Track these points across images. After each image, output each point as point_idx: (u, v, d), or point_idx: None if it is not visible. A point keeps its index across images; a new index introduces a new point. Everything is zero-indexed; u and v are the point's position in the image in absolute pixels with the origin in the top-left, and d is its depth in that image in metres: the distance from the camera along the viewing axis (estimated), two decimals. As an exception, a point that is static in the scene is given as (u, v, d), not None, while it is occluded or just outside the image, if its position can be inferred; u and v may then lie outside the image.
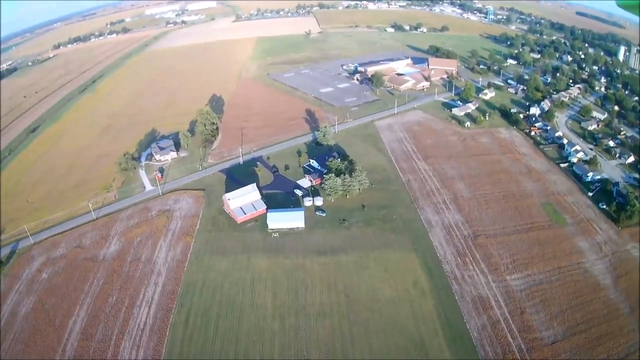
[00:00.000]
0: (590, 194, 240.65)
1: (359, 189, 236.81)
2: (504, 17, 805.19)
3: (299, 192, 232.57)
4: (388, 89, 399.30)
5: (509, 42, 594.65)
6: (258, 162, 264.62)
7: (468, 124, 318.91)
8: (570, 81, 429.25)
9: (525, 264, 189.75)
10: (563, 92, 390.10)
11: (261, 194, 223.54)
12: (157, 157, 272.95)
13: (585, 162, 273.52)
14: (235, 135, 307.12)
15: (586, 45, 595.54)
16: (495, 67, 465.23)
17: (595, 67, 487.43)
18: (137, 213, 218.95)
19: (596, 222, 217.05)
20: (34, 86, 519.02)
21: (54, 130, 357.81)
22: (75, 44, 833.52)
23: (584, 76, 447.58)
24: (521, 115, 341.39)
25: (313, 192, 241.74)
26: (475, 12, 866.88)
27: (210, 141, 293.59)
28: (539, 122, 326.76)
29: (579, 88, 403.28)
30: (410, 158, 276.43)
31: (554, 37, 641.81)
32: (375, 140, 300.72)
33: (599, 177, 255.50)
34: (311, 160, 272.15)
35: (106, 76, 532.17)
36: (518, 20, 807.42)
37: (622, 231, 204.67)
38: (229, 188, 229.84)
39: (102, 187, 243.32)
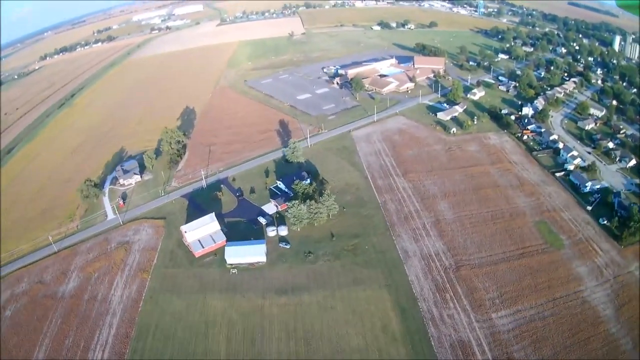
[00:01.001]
0: (589, 207, 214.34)
1: (329, 214, 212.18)
2: (495, 10, 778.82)
3: (262, 220, 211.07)
4: (369, 92, 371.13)
5: (500, 36, 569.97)
6: (222, 185, 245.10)
7: (454, 129, 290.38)
8: (565, 74, 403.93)
9: (514, 298, 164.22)
10: (558, 88, 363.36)
11: (223, 222, 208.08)
12: (121, 181, 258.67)
13: (584, 169, 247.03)
14: (202, 153, 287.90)
15: (580, 36, 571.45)
16: (485, 63, 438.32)
17: (590, 59, 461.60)
18: (96, 245, 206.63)
19: (596, 242, 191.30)
20: (16, 101, 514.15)
21: (28, 150, 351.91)
22: (61, 54, 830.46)
23: (580, 69, 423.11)
24: (513, 117, 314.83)
25: (279, 218, 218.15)
26: (465, 5, 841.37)
27: (176, 161, 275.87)
28: (532, 124, 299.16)
29: (574, 82, 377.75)
30: (388, 174, 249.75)
31: (546, 29, 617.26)
32: (351, 154, 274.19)
33: (598, 186, 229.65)
34: (278, 182, 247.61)
35: (86, 89, 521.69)
36: (509, 13, 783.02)
37: (625, 250, 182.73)
38: (190, 216, 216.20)
39: (66, 215, 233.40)
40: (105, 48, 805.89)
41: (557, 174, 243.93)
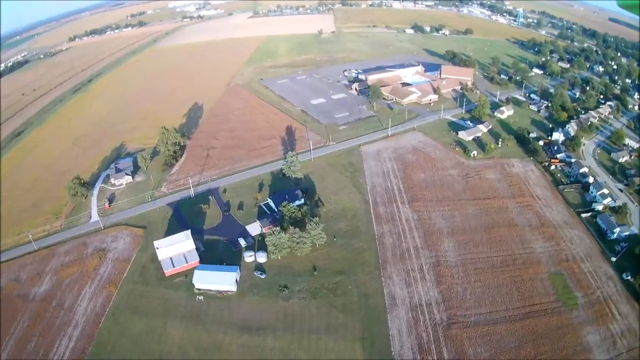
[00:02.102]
0: (613, 258, 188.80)
1: (316, 243, 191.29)
2: (534, 21, 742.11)
3: (242, 243, 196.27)
4: (389, 102, 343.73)
5: (536, 49, 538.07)
6: (211, 197, 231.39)
7: (475, 153, 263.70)
8: (601, 97, 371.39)
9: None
10: (592, 112, 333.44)
11: (202, 239, 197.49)
12: (113, 180, 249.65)
13: (613, 210, 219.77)
14: (200, 157, 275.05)
15: (619, 54, 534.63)
16: (518, 78, 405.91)
17: (628, 81, 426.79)
18: (74, 249, 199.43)
19: (615, 302, 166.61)
20: (36, 82, 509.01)
21: (35, 136, 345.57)
22: (91, 36, 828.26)
23: (617, 91, 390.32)
24: (541, 142, 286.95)
25: (261, 242, 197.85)
26: (504, 14, 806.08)
27: (171, 164, 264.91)
28: (561, 152, 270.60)
29: (610, 106, 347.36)
30: (392, 200, 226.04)
31: (585, 45, 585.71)
32: (356, 173, 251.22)
33: (627, 233, 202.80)
34: (269, 199, 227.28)
35: (104, 75, 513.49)
36: (549, 25, 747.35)
37: None
38: (171, 227, 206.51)
39: (54, 212, 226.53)
40: (134, 34, 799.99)
41: (583, 215, 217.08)
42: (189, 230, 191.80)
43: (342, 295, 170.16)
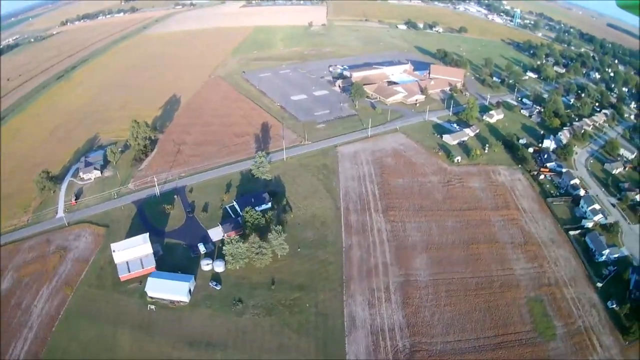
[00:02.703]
0: (599, 284, 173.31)
1: (278, 253, 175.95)
2: (532, 23, 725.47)
3: (202, 249, 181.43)
4: (373, 100, 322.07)
5: (532, 51, 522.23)
6: (176, 196, 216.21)
7: (458, 158, 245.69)
8: (597, 104, 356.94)
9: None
10: (587, 120, 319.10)
11: (161, 242, 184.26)
12: (82, 174, 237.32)
13: (604, 228, 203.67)
14: (170, 153, 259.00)
15: (616, 61, 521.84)
16: (510, 81, 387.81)
17: (625, 89, 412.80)
18: (38, 245, 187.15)
19: (597, 333, 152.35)
20: (23, 67, 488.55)
21: (14, 124, 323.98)
22: (83, 21, 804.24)
23: (613, 99, 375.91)
24: (531, 150, 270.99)
25: (221, 249, 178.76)
26: (501, 14, 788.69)
27: (140, 159, 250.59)
28: (552, 161, 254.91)
29: (605, 114, 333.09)
30: (366, 207, 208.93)
31: (582, 49, 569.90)
32: (329, 175, 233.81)
33: (616, 255, 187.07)
34: (234, 202, 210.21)
35: (89, 62, 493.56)
36: (546, 27, 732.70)
37: (628, 349, 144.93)
38: (133, 227, 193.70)
39: (23, 205, 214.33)
40: (125, 19, 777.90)
41: (572, 232, 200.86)
42: (147, 233, 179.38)
43: (299, 313, 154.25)
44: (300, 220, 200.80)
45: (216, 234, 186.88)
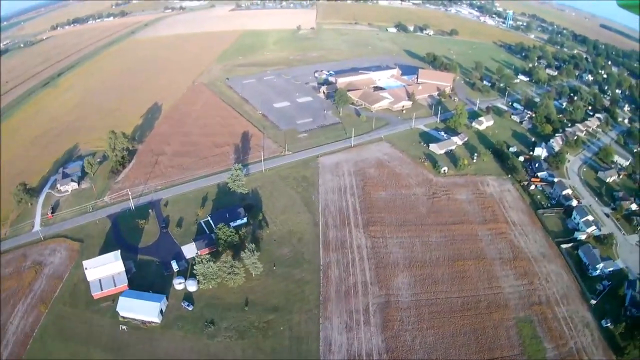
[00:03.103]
0: (593, 301, 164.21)
1: (252, 272, 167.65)
2: (524, 24, 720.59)
3: (174, 267, 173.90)
4: (358, 107, 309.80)
5: (524, 54, 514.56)
6: (151, 210, 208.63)
7: (445, 169, 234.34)
8: (590, 108, 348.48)
9: None
10: (580, 125, 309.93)
11: (135, 259, 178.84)
12: (59, 186, 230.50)
13: (598, 240, 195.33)
14: (148, 164, 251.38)
15: (609, 63, 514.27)
16: (501, 85, 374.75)
17: (618, 91, 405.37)
18: (14, 260, 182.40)
19: (590, 355, 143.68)
20: (11, 73, 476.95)
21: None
22: (73, 25, 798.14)
23: (606, 102, 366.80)
24: (521, 159, 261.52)
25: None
26: (493, 16, 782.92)
27: (117, 171, 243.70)
28: (543, 170, 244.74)
29: (598, 119, 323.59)
30: (345, 222, 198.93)
31: (575, 51, 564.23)
32: (309, 188, 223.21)
33: (610, 269, 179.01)
34: (209, 217, 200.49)
35: (76, 68, 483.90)
36: (539, 29, 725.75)
37: None
38: (108, 243, 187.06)
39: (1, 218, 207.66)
40: (114, 24, 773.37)
41: (564, 246, 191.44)
42: (119, 251, 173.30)
43: (273, 337, 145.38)
44: (276, 236, 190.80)
45: (189, 250, 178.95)
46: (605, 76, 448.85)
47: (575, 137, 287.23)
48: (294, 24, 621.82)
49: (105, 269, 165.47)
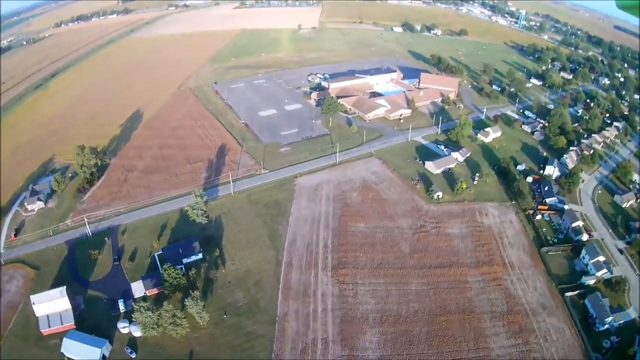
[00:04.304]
0: None
1: (200, 321, 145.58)
2: (537, 25, 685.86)
3: (121, 307, 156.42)
4: (350, 115, 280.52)
5: (537, 55, 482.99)
6: (107, 238, 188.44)
7: (439, 194, 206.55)
8: (607, 115, 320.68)
9: None
10: (596, 136, 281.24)
11: (85, 294, 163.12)
12: (26, 204, 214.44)
13: (609, 284, 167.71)
14: (117, 182, 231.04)
15: (626, 65, 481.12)
16: (512, 89, 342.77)
17: (637, 97, 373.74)
18: None
19: None
20: (8, 73, 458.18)
21: None
22: (77, 22, 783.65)
23: (624, 109, 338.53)
24: (530, 179, 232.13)
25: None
26: (506, 15, 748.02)
27: (84, 189, 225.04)
28: (553, 194, 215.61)
29: (617, 128, 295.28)
30: (313, 262, 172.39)
31: (589, 53, 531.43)
32: (278, 217, 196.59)
33: (621, 321, 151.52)
34: (162, 250, 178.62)
35: (70, 69, 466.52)
36: (552, 29, 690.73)
37: None
38: (62, 273, 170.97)
39: None
40: (116, 21, 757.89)
41: (568, 294, 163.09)
42: (65, 287, 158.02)
43: None
44: (232, 277, 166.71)
45: (138, 289, 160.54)
46: (622, 80, 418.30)
47: (592, 152, 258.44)
48: (297, 22, 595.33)
49: (53, 305, 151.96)
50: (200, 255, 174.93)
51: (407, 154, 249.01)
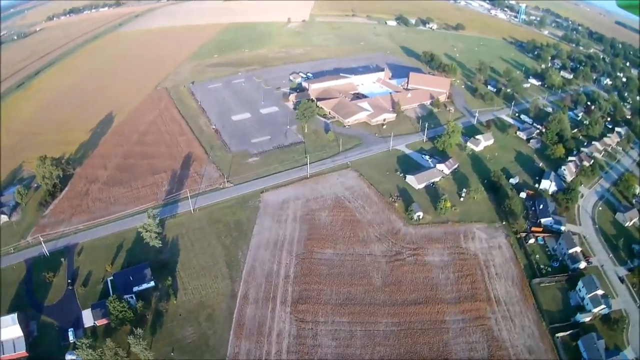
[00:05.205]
0: None
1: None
2: (537, 19, 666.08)
3: (71, 337, 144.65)
4: (329, 120, 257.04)
5: (536, 52, 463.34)
6: (63, 259, 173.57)
7: (419, 214, 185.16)
8: (609, 119, 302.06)
9: None
10: (597, 144, 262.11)
11: (38, 320, 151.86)
12: None
13: (606, 320, 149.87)
14: (79, 194, 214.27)
15: (627, 64, 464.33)
16: (508, 90, 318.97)
17: (639, 98, 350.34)
18: None
19: None
20: None
21: None
22: (68, 15, 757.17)
23: (626, 112, 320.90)
24: (524, 194, 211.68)
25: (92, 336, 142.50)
26: (505, 9, 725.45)
27: (46, 203, 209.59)
28: (548, 214, 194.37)
29: (619, 134, 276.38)
30: (271, 295, 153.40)
31: (591, 50, 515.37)
32: (238, 240, 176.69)
33: None
34: (113, 276, 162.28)
35: (53, 66, 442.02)
36: (553, 24, 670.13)
37: None
38: (19, 295, 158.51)
39: None
40: (106, 14, 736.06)
41: (560, 334, 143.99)
42: (16, 314, 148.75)
43: None
44: (183, 309, 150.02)
45: (88, 318, 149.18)
46: (624, 80, 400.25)
47: (592, 161, 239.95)
48: (287, 16, 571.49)
49: (6, 332, 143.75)
50: (152, 283, 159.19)
51: (387, 166, 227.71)
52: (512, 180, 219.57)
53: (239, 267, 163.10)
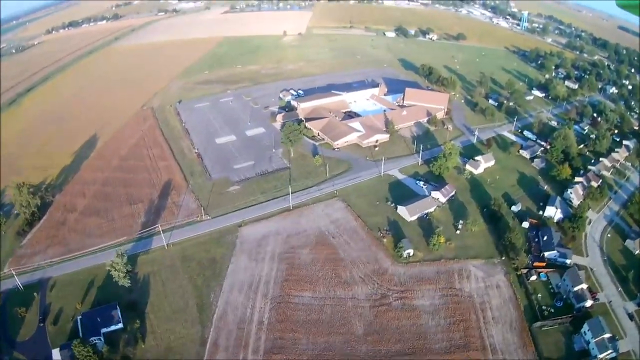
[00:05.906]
0: None
1: None
2: (540, 27, 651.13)
3: None
4: (317, 143, 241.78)
5: (539, 61, 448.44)
6: (36, 293, 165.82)
7: (410, 251, 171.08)
8: (616, 132, 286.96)
9: None
10: (605, 160, 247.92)
11: (11, 356, 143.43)
12: None
13: None
14: (56, 224, 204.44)
15: (633, 70, 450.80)
16: (511, 104, 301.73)
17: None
18: None
19: None
20: None
21: None
22: (67, 28, 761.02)
23: (634, 123, 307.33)
24: (526, 224, 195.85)
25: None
26: (507, 17, 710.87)
27: (23, 233, 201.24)
28: (552, 247, 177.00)
29: (627, 148, 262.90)
30: (243, 343, 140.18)
31: (595, 57, 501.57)
32: (211, 281, 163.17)
33: None
34: (81, 315, 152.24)
35: (45, 83, 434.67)
36: (556, 31, 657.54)
37: None
38: None
39: None
40: (104, 28, 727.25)
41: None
42: None
43: None
44: (151, 354, 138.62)
45: (57, 359, 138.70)
46: (630, 88, 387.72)
47: (600, 181, 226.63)
48: (285, 28, 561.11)
49: None
50: (120, 325, 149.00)
51: (377, 194, 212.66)
52: (514, 208, 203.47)
53: (211, 311, 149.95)
